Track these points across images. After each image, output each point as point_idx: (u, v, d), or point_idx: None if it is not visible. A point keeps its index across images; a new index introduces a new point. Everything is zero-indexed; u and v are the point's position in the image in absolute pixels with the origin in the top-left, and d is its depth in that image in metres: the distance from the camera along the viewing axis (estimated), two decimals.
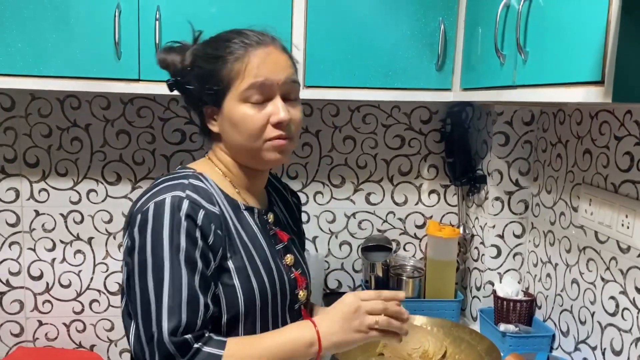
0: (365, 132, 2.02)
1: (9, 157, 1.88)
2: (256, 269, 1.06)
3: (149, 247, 0.97)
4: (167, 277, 0.96)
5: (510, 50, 1.31)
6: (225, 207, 1.07)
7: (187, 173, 1.07)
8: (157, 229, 0.97)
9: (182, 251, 0.96)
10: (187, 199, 0.99)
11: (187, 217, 0.98)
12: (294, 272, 1.16)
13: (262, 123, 1.06)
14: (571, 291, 1.60)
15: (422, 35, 1.66)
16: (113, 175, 1.94)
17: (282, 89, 1.07)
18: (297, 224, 1.32)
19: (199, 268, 0.98)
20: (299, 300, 1.16)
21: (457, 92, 1.69)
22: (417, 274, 1.93)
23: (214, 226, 1.01)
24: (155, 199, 0.99)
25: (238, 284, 1.03)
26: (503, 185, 1.84)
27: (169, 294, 0.95)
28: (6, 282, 1.93)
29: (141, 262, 0.97)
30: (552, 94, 1.14)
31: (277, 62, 1.07)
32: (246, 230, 1.09)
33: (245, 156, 1.11)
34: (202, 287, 0.97)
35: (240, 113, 1.06)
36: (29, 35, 1.52)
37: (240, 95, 1.05)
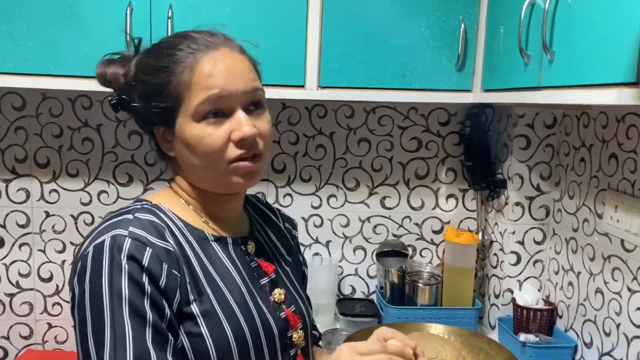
0: (380, 134, 1.97)
1: (19, 157, 1.86)
2: (229, 311, 0.89)
3: (87, 299, 0.81)
4: (108, 333, 0.79)
5: (535, 50, 1.26)
6: (186, 240, 0.91)
7: (135, 206, 0.91)
8: (95, 276, 0.81)
9: (124, 300, 0.80)
10: (129, 237, 0.83)
11: (130, 259, 0.82)
12: (285, 310, 0.99)
13: (222, 142, 0.89)
14: (595, 301, 1.54)
15: (441, 35, 1.61)
16: (124, 176, 1.91)
17: (243, 99, 0.90)
18: (291, 253, 1.14)
19: (150, 320, 0.81)
20: (294, 345, 0.99)
21: (477, 94, 1.64)
22: (434, 281, 1.87)
23: (166, 265, 0.84)
24: (95, 241, 0.84)
25: (206, 332, 0.86)
26: (524, 190, 1.79)
27: (109, 354, 0.78)
28: (16, 283, 1.91)
29: (81, 317, 0.81)
30: (581, 96, 1.09)
31: (233, 67, 0.90)
32: (215, 266, 0.92)
33: (206, 182, 0.94)
34: (155, 342, 0.80)
35: (194, 133, 0.89)
36: (40, 33, 1.50)
37: (193, 111, 0.88)
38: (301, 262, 1.19)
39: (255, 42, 0.98)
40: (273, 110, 1.92)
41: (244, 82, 0.91)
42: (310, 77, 1.59)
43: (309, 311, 1.08)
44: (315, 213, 1.99)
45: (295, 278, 1.09)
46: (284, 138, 1.94)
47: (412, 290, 1.85)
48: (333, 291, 1.94)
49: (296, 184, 1.97)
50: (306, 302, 1.09)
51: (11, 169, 1.86)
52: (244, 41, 0.96)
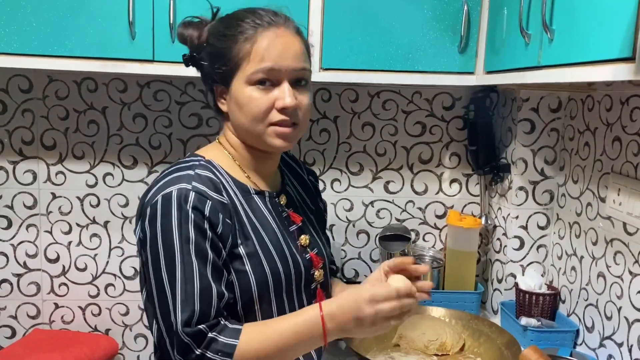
0: (385, 119, 1.96)
1: (26, 139, 1.88)
2: (268, 253, 1.07)
3: (160, 240, 0.98)
4: (179, 269, 0.97)
5: (536, 29, 1.25)
6: (234, 193, 1.07)
7: (194, 162, 1.07)
8: (166, 222, 0.98)
9: (192, 243, 0.97)
10: (193, 191, 0.99)
11: (195, 209, 0.98)
12: (310, 253, 1.16)
13: (267, 107, 1.05)
14: (597, 285, 1.53)
15: (444, 16, 1.60)
16: (129, 158, 1.93)
17: (291, 74, 1.05)
18: (315, 202, 1.31)
19: (210, 258, 0.98)
20: (315, 280, 1.17)
21: (480, 76, 1.63)
22: (437, 265, 1.87)
23: (222, 215, 1.01)
24: (163, 191, 1.00)
25: (250, 270, 1.04)
26: (528, 175, 1.78)
27: (181, 286, 0.96)
28: (23, 264, 1.94)
29: (153, 255, 0.99)
30: (579, 74, 1.08)
31: (288, 46, 1.05)
32: (257, 215, 1.09)
33: (250, 138, 1.10)
34: (214, 277, 0.98)
35: (245, 95, 1.05)
36: (44, 14, 1.51)
37: (247, 77, 1.04)
38: (322, 208, 1.36)
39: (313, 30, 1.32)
40: None
41: (295, 61, 1.05)
42: (312, 59, 1.58)
43: (328, 252, 1.26)
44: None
45: (318, 224, 1.27)
46: None
47: None
48: None
49: None
50: (326, 245, 1.27)
51: (18, 151, 1.89)
52: (301, 26, 1.12)
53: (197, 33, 1.11)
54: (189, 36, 1.11)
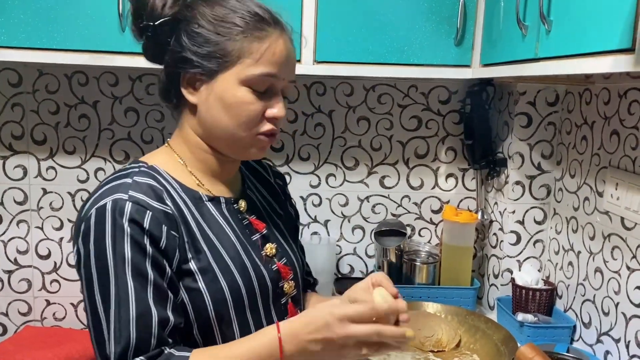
0: (380, 113, 1.94)
1: (16, 133, 1.85)
2: (224, 266, 0.95)
3: (93, 260, 0.86)
4: (113, 292, 0.84)
5: (533, 20, 1.22)
6: (182, 201, 0.95)
7: (133, 169, 0.94)
8: (99, 239, 0.86)
9: (127, 262, 0.85)
10: (129, 201, 0.87)
11: (132, 222, 0.86)
12: (277, 263, 1.04)
13: (259, 113, 0.95)
14: (594, 280, 1.52)
15: (440, 9, 1.57)
16: (121, 153, 1.90)
17: (287, 86, 0.99)
18: (283, 207, 1.19)
19: (151, 278, 0.86)
20: (284, 294, 1.05)
21: (476, 69, 1.60)
22: (432, 260, 1.86)
23: (165, 227, 0.89)
24: (97, 204, 0.88)
25: (204, 287, 0.92)
26: (524, 169, 1.76)
27: (114, 312, 0.83)
28: (14, 260, 1.91)
29: (87, 276, 0.87)
30: (578, 65, 1.05)
31: (292, 57, 0.99)
32: (210, 225, 0.97)
33: (224, 142, 0.98)
34: (156, 300, 0.86)
35: (237, 96, 0.93)
36: (32, 6, 1.48)
37: (245, 78, 0.93)
38: (292, 214, 1.23)
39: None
40: None
41: (293, 73, 1.00)
42: (306, 51, 1.56)
43: (299, 262, 1.13)
44: (313, 192, 1.97)
45: (287, 231, 1.14)
46: None
47: (409, 269, 1.84)
48: (331, 270, 1.92)
49: (295, 162, 1.95)
50: (297, 253, 1.14)
51: (8, 146, 1.86)
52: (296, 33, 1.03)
53: (161, 2, 0.95)
54: (151, 3, 0.94)
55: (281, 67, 0.95)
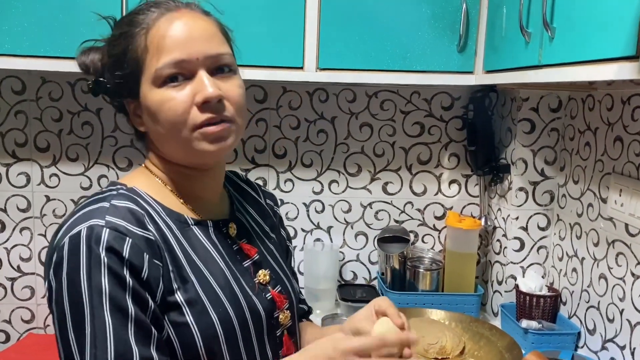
0: (383, 119, 1.94)
1: (19, 141, 1.86)
2: (214, 296, 0.86)
3: (66, 295, 0.76)
4: (89, 331, 0.75)
5: (536, 27, 1.23)
6: (166, 226, 0.87)
7: (110, 192, 0.86)
8: (72, 271, 0.76)
9: (105, 295, 0.76)
10: (107, 227, 0.78)
11: (109, 251, 0.77)
12: (271, 291, 0.96)
13: (185, 106, 0.84)
14: (598, 287, 1.51)
15: (443, 15, 1.57)
16: (124, 160, 1.90)
17: (206, 63, 0.85)
18: (275, 230, 1.11)
19: (132, 314, 0.77)
20: (280, 325, 0.96)
21: (479, 75, 1.60)
22: (436, 267, 1.85)
23: (147, 256, 0.80)
24: (71, 232, 0.79)
25: (192, 320, 0.83)
26: (528, 175, 1.76)
27: (90, 352, 0.75)
28: (17, 267, 1.91)
29: (59, 313, 0.77)
30: (581, 73, 1.06)
31: (194, 29, 0.85)
32: (197, 251, 0.88)
33: (176, 152, 0.89)
34: (138, 337, 0.77)
35: (156, 99, 0.84)
36: (35, 14, 1.48)
37: (153, 77, 0.84)
38: (284, 237, 1.15)
39: (221, 10, 0.94)
40: (273, 94, 1.90)
41: (207, 45, 0.86)
42: (308, 58, 1.57)
43: (294, 289, 1.05)
44: (316, 199, 1.97)
45: (280, 256, 1.06)
46: (285, 123, 1.92)
47: (413, 276, 1.83)
48: (334, 277, 1.92)
49: (297, 169, 1.95)
50: (292, 279, 1.06)
51: (11, 153, 1.86)
52: (208, 2, 0.93)
53: (98, 56, 0.92)
54: (91, 63, 0.93)
55: (185, 47, 0.84)
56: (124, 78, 0.87)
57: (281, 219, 1.17)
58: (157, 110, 0.85)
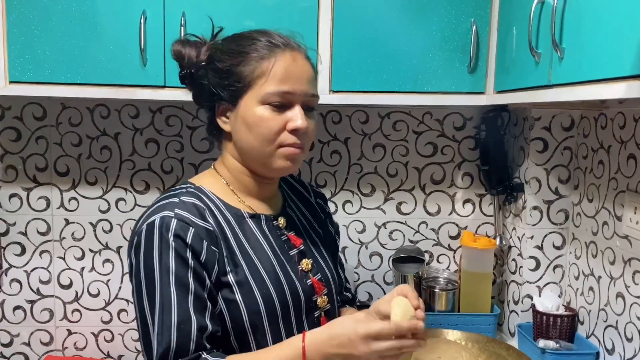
0: (395, 140, 1.96)
1: (40, 165, 1.90)
2: (260, 279, 1.03)
3: (142, 271, 0.97)
4: (158, 300, 0.95)
5: (546, 48, 1.24)
6: (224, 219, 1.04)
7: (181, 190, 1.06)
8: (148, 251, 0.96)
9: (171, 273, 0.95)
10: (175, 218, 0.97)
11: (176, 237, 0.96)
12: (311, 278, 1.12)
13: (279, 128, 1.03)
14: (616, 306, 1.50)
15: (453, 37, 1.60)
16: (142, 184, 1.93)
17: (303, 99, 1.05)
18: (323, 226, 1.27)
19: (192, 289, 0.95)
20: (318, 308, 1.12)
21: (490, 95, 1.62)
22: (451, 287, 1.85)
23: (206, 243, 0.98)
24: (148, 220, 0.99)
25: (240, 299, 1.00)
26: (542, 194, 1.76)
27: (158, 317, 0.94)
28: (37, 290, 1.94)
29: (137, 284, 0.98)
30: (591, 92, 1.07)
31: (303, 71, 1.05)
32: (250, 240, 1.06)
33: (254, 161, 1.07)
34: (196, 308, 0.95)
35: (257, 115, 1.03)
36: (57, 42, 1.53)
37: (262, 96, 1.02)
38: (332, 232, 1.30)
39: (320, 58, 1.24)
40: None
41: (308, 87, 1.06)
42: (321, 81, 1.59)
43: (335, 278, 1.19)
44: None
45: (324, 249, 1.21)
46: None
47: (428, 296, 1.83)
48: None
49: None
50: (333, 270, 1.20)
51: (32, 178, 1.90)
52: (312, 50, 1.13)
53: (195, 52, 1.09)
54: (187, 54, 1.09)
55: (294, 82, 1.03)
56: (231, 87, 1.04)
57: (329, 215, 1.33)
58: (254, 123, 1.03)
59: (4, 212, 1.90)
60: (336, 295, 1.20)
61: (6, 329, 1.95)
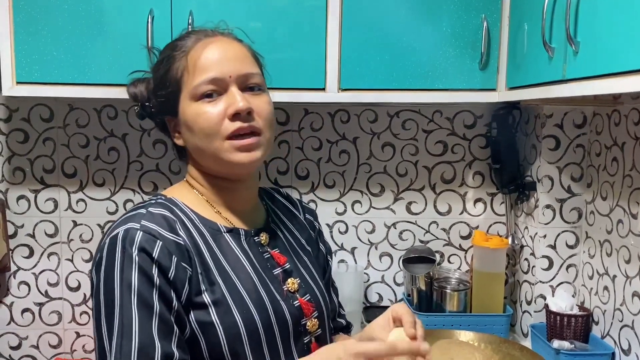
0: (405, 139, 1.94)
1: (47, 167, 1.89)
2: (239, 298, 0.91)
3: (102, 288, 0.86)
4: (117, 322, 0.84)
5: (560, 42, 1.22)
6: (199, 232, 0.94)
7: (150, 201, 0.97)
8: (109, 267, 0.86)
9: (133, 292, 0.84)
10: (141, 230, 0.87)
11: (141, 251, 0.85)
12: (299, 299, 1.00)
13: (218, 118, 0.93)
14: (632, 305, 1.47)
15: (463, 34, 1.58)
16: (150, 185, 1.92)
17: (238, 81, 0.95)
18: (312, 244, 1.15)
19: (157, 310, 0.84)
20: (308, 333, 0.99)
21: (502, 92, 1.60)
22: (463, 287, 1.82)
23: (175, 258, 0.88)
24: (111, 234, 0.89)
25: (217, 320, 0.89)
26: (554, 192, 1.73)
27: (116, 341, 0.83)
28: (45, 293, 1.93)
29: (96, 304, 0.87)
30: (607, 86, 1.05)
31: (228, 52, 0.96)
32: (226, 256, 0.95)
33: (210, 163, 0.97)
34: (161, 333, 0.84)
35: (192, 112, 0.95)
36: (64, 43, 1.52)
37: (191, 93, 0.95)
38: (324, 251, 1.20)
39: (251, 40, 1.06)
40: (295, 116, 1.91)
41: (239, 66, 0.96)
42: (330, 79, 1.58)
43: (326, 300, 1.07)
44: (339, 219, 1.97)
45: (313, 267, 1.10)
46: (307, 144, 1.93)
47: (440, 297, 1.81)
48: (359, 299, 1.90)
49: (320, 190, 1.95)
50: (324, 291, 1.08)
51: (40, 180, 1.89)
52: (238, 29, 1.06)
53: (144, 86, 1.05)
54: (139, 92, 1.04)
55: (219, 66, 0.94)
56: (166, 97, 0.98)
57: (320, 232, 1.21)
58: (193, 122, 0.95)
59: (12, 214, 1.90)
60: (328, 320, 1.07)
61: (15, 332, 1.94)
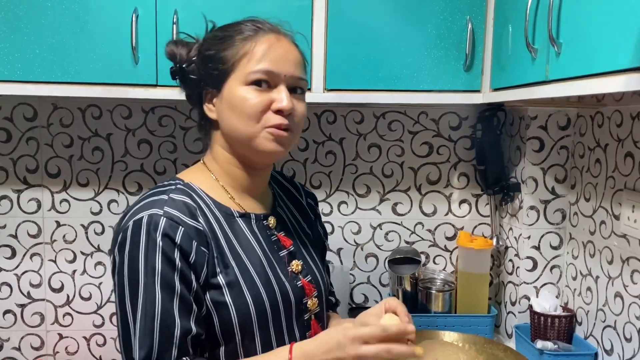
0: (391, 140, 1.94)
1: (30, 167, 1.87)
2: (250, 280, 0.99)
3: (126, 269, 0.92)
4: (141, 301, 0.91)
5: (542, 43, 1.23)
6: (214, 218, 1.01)
7: (170, 186, 1.02)
8: (133, 249, 0.92)
9: (157, 273, 0.91)
10: (164, 217, 0.94)
11: (164, 237, 0.92)
12: (301, 280, 1.08)
13: (263, 107, 0.99)
14: (614, 306, 1.48)
15: (448, 35, 1.58)
16: (134, 185, 1.91)
17: (288, 81, 1.02)
18: (312, 227, 1.24)
19: (177, 291, 0.92)
20: (308, 310, 1.08)
21: (487, 94, 1.61)
22: (448, 288, 1.83)
23: (195, 243, 0.95)
24: (135, 217, 0.94)
25: (230, 301, 0.97)
26: (538, 194, 1.74)
27: (141, 319, 0.90)
28: (27, 294, 1.91)
29: (120, 283, 0.94)
30: (589, 86, 1.05)
31: (288, 52, 1.03)
32: (240, 240, 1.02)
33: (240, 144, 1.03)
34: (181, 311, 0.92)
35: (240, 95, 1.00)
36: (47, 41, 1.51)
37: (245, 77, 1.00)
38: (322, 234, 1.27)
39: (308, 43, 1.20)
40: None
41: (294, 68, 1.03)
42: (316, 80, 1.58)
43: (324, 280, 1.16)
44: (325, 220, 1.94)
45: (314, 250, 1.17)
46: None
47: (425, 298, 1.81)
48: (345, 300, 1.90)
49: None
50: (323, 272, 1.17)
51: (22, 180, 1.87)
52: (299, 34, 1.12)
53: (186, 50, 1.08)
54: (178, 53, 1.08)
55: (278, 62, 1.00)
56: (216, 71, 1.02)
57: (319, 216, 1.29)
58: (238, 103, 1.00)
59: None
60: (326, 299, 1.17)
61: None
